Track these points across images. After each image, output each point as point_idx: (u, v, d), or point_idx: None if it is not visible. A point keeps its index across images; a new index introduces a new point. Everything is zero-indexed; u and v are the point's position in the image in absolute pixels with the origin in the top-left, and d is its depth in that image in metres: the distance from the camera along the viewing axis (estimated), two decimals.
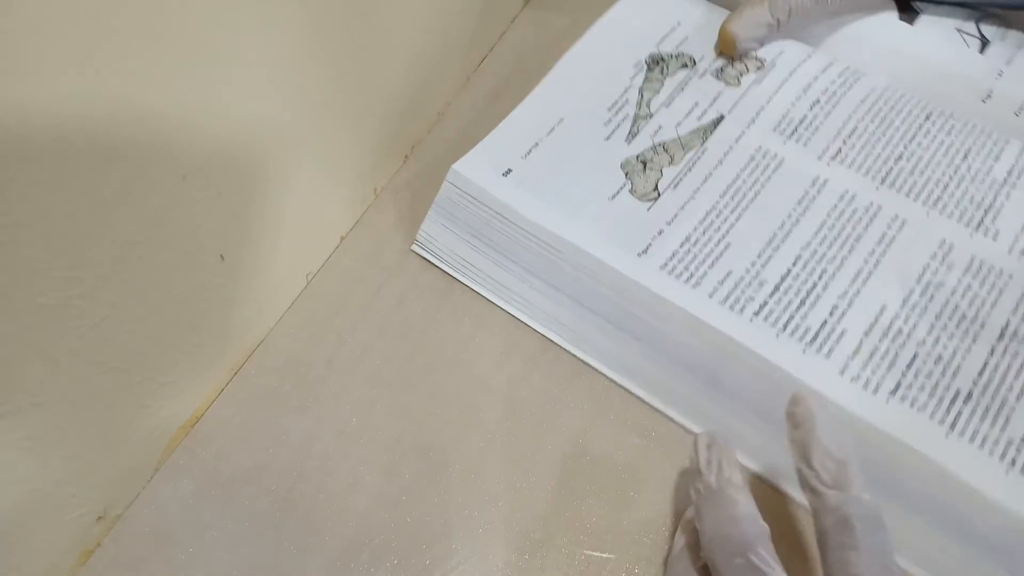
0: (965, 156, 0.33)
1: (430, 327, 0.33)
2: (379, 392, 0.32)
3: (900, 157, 0.34)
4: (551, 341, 0.33)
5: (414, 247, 0.35)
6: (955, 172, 0.33)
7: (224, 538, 0.29)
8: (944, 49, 0.38)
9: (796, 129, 0.35)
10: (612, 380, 0.32)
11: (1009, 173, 0.33)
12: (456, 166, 0.34)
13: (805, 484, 0.24)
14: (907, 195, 0.32)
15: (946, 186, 0.33)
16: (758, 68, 0.37)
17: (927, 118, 0.35)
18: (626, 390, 0.32)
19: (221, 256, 0.29)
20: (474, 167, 0.34)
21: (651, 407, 0.31)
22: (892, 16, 0.39)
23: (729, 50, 0.37)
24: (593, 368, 0.32)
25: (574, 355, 0.32)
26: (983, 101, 0.37)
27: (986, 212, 0.32)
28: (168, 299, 0.27)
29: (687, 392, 0.31)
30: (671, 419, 0.31)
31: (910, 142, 0.34)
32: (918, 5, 0.39)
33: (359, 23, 0.31)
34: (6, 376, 0.22)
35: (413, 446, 0.31)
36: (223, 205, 0.28)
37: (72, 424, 0.25)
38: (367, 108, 0.34)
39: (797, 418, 0.25)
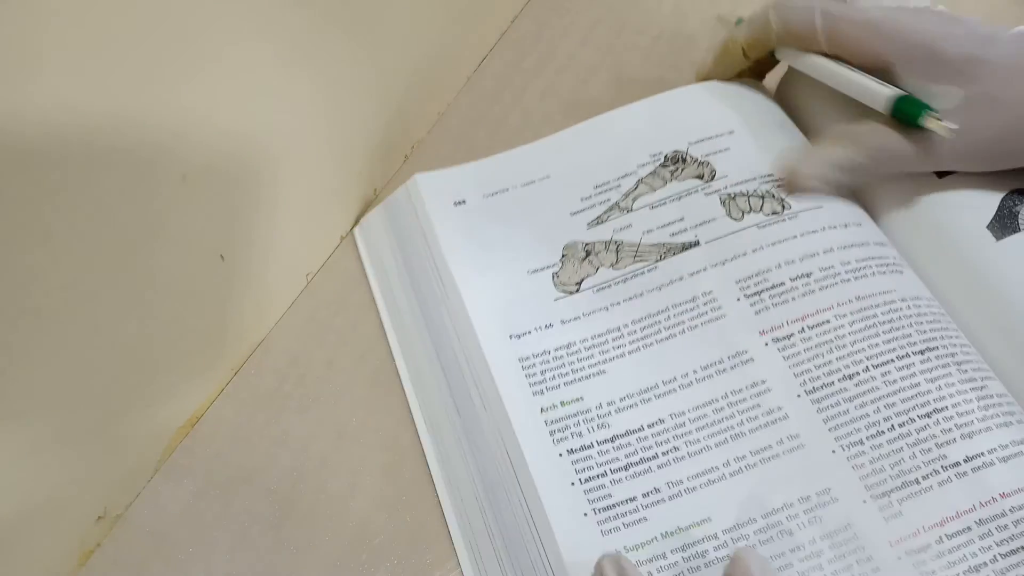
0: (929, 415, 0.25)
1: None
2: (379, 392, 0.32)
3: (851, 377, 0.26)
4: None
5: (355, 230, 0.36)
6: (902, 425, 0.25)
7: (224, 538, 0.29)
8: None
9: (760, 292, 0.28)
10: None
11: (965, 460, 0.25)
12: (419, 176, 0.34)
13: None
14: (825, 421, 0.26)
15: (879, 433, 0.25)
16: (773, 212, 0.30)
17: (923, 352, 0.26)
18: None
19: (221, 256, 0.29)
20: (433, 185, 0.33)
21: None
22: (981, 219, 0.28)
23: (789, 188, 0.30)
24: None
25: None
26: None
27: (902, 487, 0.24)
28: (168, 299, 0.27)
29: (471, 495, 0.28)
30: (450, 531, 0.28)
31: (875, 367, 0.26)
32: None
33: (359, 24, 0.31)
34: (6, 376, 0.22)
35: (413, 446, 0.31)
36: (223, 205, 0.28)
37: (72, 424, 0.25)
38: (367, 108, 0.34)
39: None
